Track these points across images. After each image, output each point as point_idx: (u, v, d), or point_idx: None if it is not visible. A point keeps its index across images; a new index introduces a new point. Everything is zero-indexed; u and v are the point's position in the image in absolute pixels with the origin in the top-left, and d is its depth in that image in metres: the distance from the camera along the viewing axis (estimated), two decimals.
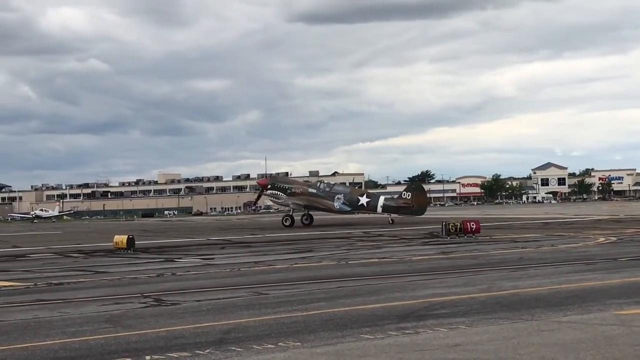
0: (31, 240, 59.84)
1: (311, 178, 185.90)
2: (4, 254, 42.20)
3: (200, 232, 65.99)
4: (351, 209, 75.77)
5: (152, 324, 15.26)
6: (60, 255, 38.88)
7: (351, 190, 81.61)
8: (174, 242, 48.87)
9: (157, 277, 25.86)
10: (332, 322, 14.81)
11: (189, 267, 29.43)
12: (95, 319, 16.13)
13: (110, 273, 27.63)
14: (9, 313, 17.42)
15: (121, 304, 18.43)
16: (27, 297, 20.52)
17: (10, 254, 42.06)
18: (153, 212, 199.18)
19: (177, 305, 17.93)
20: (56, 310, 17.55)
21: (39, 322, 15.92)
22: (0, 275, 27.83)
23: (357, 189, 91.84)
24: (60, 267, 31.25)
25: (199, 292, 20.69)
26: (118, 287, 22.73)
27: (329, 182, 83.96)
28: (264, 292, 19.99)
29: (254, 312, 16.34)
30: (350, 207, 75.13)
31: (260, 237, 52.46)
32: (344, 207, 74.86)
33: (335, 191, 76.14)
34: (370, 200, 74.92)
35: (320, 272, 25.56)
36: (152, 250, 40.72)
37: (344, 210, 75.53)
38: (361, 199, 75.03)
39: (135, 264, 31.90)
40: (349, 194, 76.20)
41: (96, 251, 41.29)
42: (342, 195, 75.31)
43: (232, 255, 35.66)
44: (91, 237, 59.92)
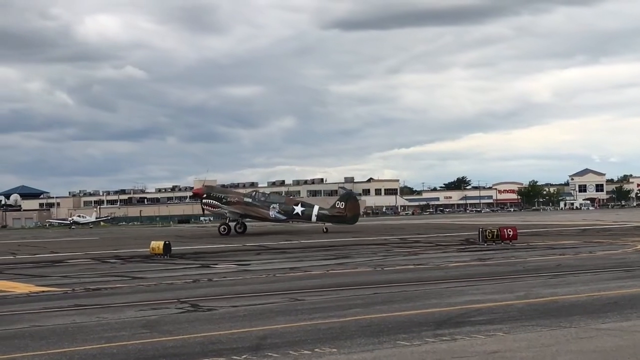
0: (69, 246, 60.30)
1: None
2: (43, 259, 42.58)
3: (235, 237, 66.11)
4: (286, 218, 77.95)
5: (189, 329, 15.30)
6: (98, 261, 39.13)
7: (286, 199, 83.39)
8: (210, 248, 49.00)
9: (194, 282, 25.95)
10: (369, 329, 14.77)
11: (224, 273, 29.50)
12: (133, 324, 16.21)
13: (147, 279, 27.77)
14: (48, 318, 17.56)
15: (158, 309, 18.51)
16: (66, 303, 20.67)
17: (48, 259, 42.41)
18: (189, 218, 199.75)
19: (214, 311, 17.98)
20: (94, 316, 17.67)
21: (77, 327, 16.03)
22: (39, 281, 28.08)
23: (292, 198, 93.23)
24: (98, 273, 31.45)
25: (235, 297, 20.73)
26: (155, 293, 22.83)
27: (264, 192, 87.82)
28: (300, 298, 19.99)
29: (290, 318, 16.34)
30: (285, 216, 77.33)
31: (296, 243, 52.47)
32: (279, 216, 77.11)
33: (270, 200, 78.71)
34: (305, 209, 76.88)
35: (357, 279, 25.51)
36: (188, 256, 40.86)
37: (279, 219, 77.87)
38: (296, 208, 77.18)
39: (172, 270, 32.03)
40: (284, 204, 78.38)
41: (133, 257, 41.52)
42: (277, 204, 77.49)
43: (267, 261, 35.70)
44: (128, 243, 60.27)
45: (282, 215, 77.04)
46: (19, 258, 44.61)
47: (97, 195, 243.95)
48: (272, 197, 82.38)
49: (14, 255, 47.24)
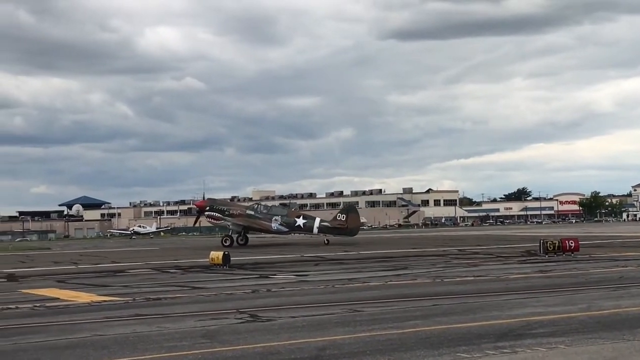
0: (130, 256, 60.98)
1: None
2: (104, 269, 43.12)
3: (294, 248, 66.25)
4: (288, 230, 78.95)
5: (248, 339, 15.34)
6: (158, 271, 39.51)
7: (288, 212, 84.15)
8: (269, 259, 49.17)
9: (253, 293, 26.04)
10: (428, 341, 14.67)
11: (283, 284, 29.56)
12: (192, 334, 16.31)
13: (206, 289, 27.94)
14: (109, 327, 17.75)
15: (217, 319, 18.60)
16: (126, 312, 20.88)
17: (110, 269, 42.93)
18: None
19: (273, 322, 18.01)
20: (154, 325, 17.81)
21: (137, 336, 16.18)
22: (101, 290, 28.42)
23: (294, 210, 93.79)
24: (158, 283, 31.74)
25: (294, 308, 20.75)
26: (214, 303, 22.96)
27: (266, 204, 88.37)
28: (358, 309, 19.93)
29: (348, 329, 16.30)
30: (287, 228, 78.32)
31: (354, 254, 52.39)
32: (281, 228, 78.03)
33: (272, 213, 79.42)
34: (306, 221, 78.02)
35: (415, 290, 25.38)
36: (247, 267, 41.03)
37: (281, 231, 78.75)
38: (298, 220, 78.24)
39: (231, 280, 32.19)
40: (286, 216, 79.25)
41: (193, 267, 41.81)
42: (280, 216, 78.35)
43: (326, 272, 35.68)
44: (188, 253, 60.75)
45: (284, 227, 78.26)
46: (81, 268, 45.22)
47: (157, 206, 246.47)
48: (275, 209, 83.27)
49: (76, 265, 47.91)
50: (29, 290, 29.34)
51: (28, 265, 50.28)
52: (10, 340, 15.97)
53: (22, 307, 23.09)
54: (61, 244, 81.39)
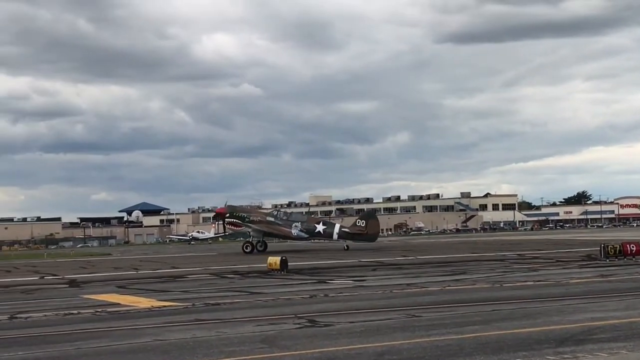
0: (189, 261, 61.51)
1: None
2: (164, 274, 43.54)
3: (351, 253, 66.20)
4: (308, 236, 79.56)
5: (307, 344, 15.38)
6: (217, 276, 39.79)
7: (308, 218, 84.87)
8: (326, 264, 49.21)
9: (310, 298, 26.10)
10: (488, 346, 14.57)
11: (341, 289, 29.57)
12: (251, 339, 16.40)
13: (264, 294, 28.07)
14: (170, 332, 17.93)
15: (276, 324, 18.68)
16: (186, 317, 21.07)
17: (169, 274, 43.34)
18: None
19: (331, 327, 18.03)
20: (214, 330, 17.95)
21: (197, 341, 16.32)
22: (161, 296, 28.72)
23: (314, 217, 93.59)
24: (217, 288, 31.97)
25: (352, 313, 20.75)
26: (273, 308, 23.05)
27: (286, 210, 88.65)
28: (417, 315, 19.87)
29: (407, 335, 16.26)
30: (307, 234, 79.05)
31: (412, 259, 52.21)
32: (302, 234, 78.89)
33: (292, 219, 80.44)
34: (326, 227, 78.95)
35: (474, 295, 25.21)
36: (304, 272, 41.13)
37: (301, 237, 79.59)
38: (318, 226, 79.14)
39: (289, 285, 32.30)
40: (306, 222, 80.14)
41: (251, 272, 42.05)
42: (300, 222, 79.40)
43: (383, 277, 35.61)
44: (246, 259, 61.07)
45: (304, 234, 79.04)
46: (142, 273, 45.73)
47: (215, 212, 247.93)
48: (294, 215, 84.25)
49: (137, 271, 48.46)
50: (91, 296, 29.77)
51: (89, 271, 50.99)
52: (74, 345, 16.22)
53: (84, 313, 23.43)
54: (121, 249, 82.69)
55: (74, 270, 52.60)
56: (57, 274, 47.34)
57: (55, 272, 49.71)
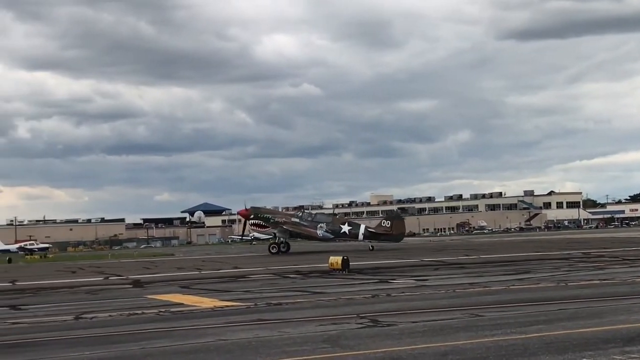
0: (250, 261, 61.82)
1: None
2: (226, 275, 43.79)
3: (413, 253, 65.94)
4: (334, 237, 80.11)
5: (369, 344, 15.30)
6: (279, 276, 39.90)
7: (333, 219, 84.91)
8: (388, 263, 49.04)
9: (372, 297, 26.01)
10: (553, 345, 14.35)
11: (403, 288, 29.42)
12: (314, 338, 16.37)
13: (326, 294, 28.04)
14: (232, 332, 17.99)
15: (338, 324, 18.63)
16: (248, 317, 21.13)
17: (231, 274, 43.58)
18: None
19: (393, 327, 17.93)
20: (276, 330, 17.96)
21: (259, 341, 16.35)
22: (223, 296, 28.87)
23: (339, 217, 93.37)
24: (279, 288, 32.04)
25: (414, 313, 20.61)
26: (334, 308, 23.01)
27: (310, 211, 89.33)
28: (480, 314, 19.67)
29: (470, 334, 16.10)
30: (332, 235, 79.72)
31: (475, 258, 51.80)
32: (327, 235, 79.62)
33: (317, 220, 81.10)
34: (351, 228, 79.62)
35: (539, 294, 24.87)
36: (366, 271, 41.03)
37: (327, 237, 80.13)
38: (343, 227, 79.81)
39: (351, 285, 32.24)
40: (331, 223, 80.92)
41: (312, 272, 42.07)
42: (325, 223, 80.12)
43: (446, 277, 35.36)
44: (307, 258, 61.15)
45: (329, 234, 79.69)
46: (204, 273, 46.07)
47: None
48: (319, 216, 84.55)
49: (199, 271, 48.84)
50: (154, 296, 30.05)
51: (153, 271, 51.54)
52: (138, 345, 16.37)
53: (148, 313, 23.66)
54: (184, 250, 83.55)
55: (137, 270, 53.22)
56: (121, 275, 47.94)
57: (119, 273, 50.34)
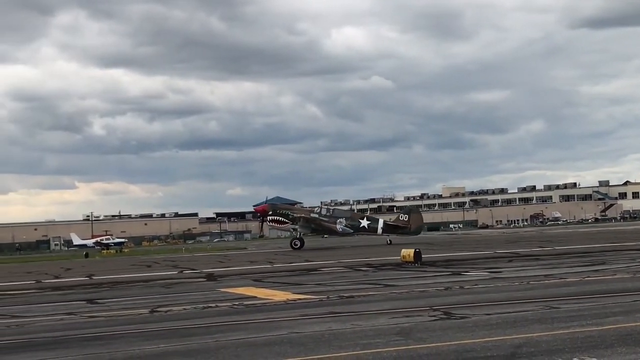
0: (322, 254, 61.96)
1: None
2: (298, 267, 43.98)
3: (486, 245, 65.39)
4: (353, 231, 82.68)
5: (442, 337, 15.22)
6: (350, 269, 39.91)
7: (352, 214, 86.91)
8: (461, 256, 48.72)
9: (445, 290, 25.86)
10: (630, 337, 14.10)
11: (476, 281, 29.18)
12: (386, 331, 16.34)
13: (398, 286, 27.96)
14: (305, 325, 18.05)
15: (411, 316, 18.56)
16: (321, 310, 21.18)
17: (303, 267, 43.74)
18: (438, 225, 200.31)
19: (467, 319, 17.80)
20: (348, 323, 17.97)
21: (332, 334, 16.37)
22: (295, 289, 28.99)
23: (357, 212, 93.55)
24: (351, 281, 32.04)
25: (488, 305, 20.44)
26: (407, 300, 22.94)
27: (328, 207, 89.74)
28: (555, 306, 19.41)
29: (545, 327, 15.89)
30: (352, 230, 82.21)
31: (550, 250, 51.14)
32: (347, 230, 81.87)
33: (336, 215, 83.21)
34: (370, 222, 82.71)
35: (615, 286, 24.43)
36: (439, 264, 40.82)
37: (346, 232, 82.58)
38: (362, 221, 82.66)
39: (423, 277, 32.10)
40: (350, 218, 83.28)
41: (384, 265, 41.99)
42: (344, 218, 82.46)
43: (520, 268, 34.96)
44: (379, 251, 61.08)
45: (349, 229, 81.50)
46: (276, 266, 46.33)
47: (347, 205, 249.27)
48: (337, 212, 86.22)
49: (272, 264, 49.14)
50: (228, 289, 30.33)
51: (226, 265, 52.01)
52: (212, 338, 16.53)
53: (221, 306, 23.88)
54: (256, 243, 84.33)
55: (211, 264, 53.79)
56: (195, 268, 48.49)
57: (193, 267, 50.94)
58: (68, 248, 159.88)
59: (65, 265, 67.03)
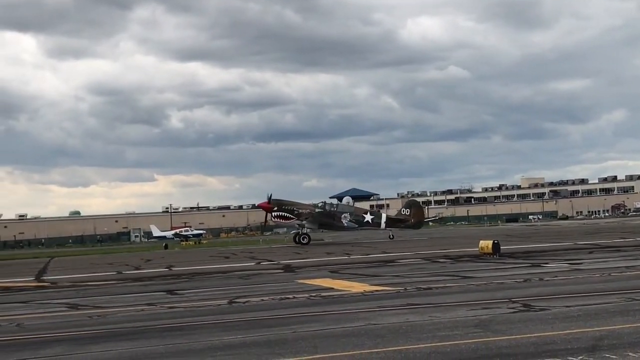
0: (399, 246, 61.80)
1: None
2: (375, 259, 43.95)
3: (566, 236, 64.47)
4: (358, 226, 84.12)
5: (522, 329, 15.06)
6: (428, 261, 39.74)
7: (355, 209, 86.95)
8: (540, 247, 48.11)
9: (524, 282, 25.58)
10: None
11: (556, 272, 28.80)
12: (465, 323, 16.23)
13: (476, 278, 27.76)
14: (382, 317, 18.03)
15: (489, 309, 18.40)
16: (398, 301, 21.13)
17: (380, 259, 43.70)
18: (517, 216, 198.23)
19: (546, 311, 17.58)
20: (426, 315, 17.90)
21: (410, 325, 16.32)
22: (372, 280, 28.98)
23: (360, 207, 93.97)
24: (428, 272, 31.91)
25: (568, 297, 20.16)
26: (485, 292, 22.76)
27: (332, 202, 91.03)
28: (637, 298, 19.05)
29: (627, 319, 15.61)
30: (357, 225, 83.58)
31: (632, 241, 50.15)
32: (352, 225, 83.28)
33: (340, 210, 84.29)
34: (374, 217, 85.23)
35: None
36: (517, 255, 40.39)
37: (351, 227, 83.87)
38: (366, 216, 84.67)
39: (502, 269, 31.80)
40: (354, 213, 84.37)
41: (462, 256, 41.72)
42: (348, 213, 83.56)
43: (601, 260, 34.40)
44: (456, 243, 60.71)
45: (354, 224, 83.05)
46: (353, 258, 46.38)
47: (424, 196, 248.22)
48: (341, 207, 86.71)
49: (348, 256, 49.21)
50: (305, 281, 30.46)
51: (303, 256, 52.23)
52: (290, 329, 16.62)
53: (299, 297, 23.99)
54: (333, 235, 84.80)
55: (288, 255, 54.09)
56: (272, 260, 48.83)
57: (271, 258, 51.29)
58: (148, 240, 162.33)
59: (146, 257, 68.07)
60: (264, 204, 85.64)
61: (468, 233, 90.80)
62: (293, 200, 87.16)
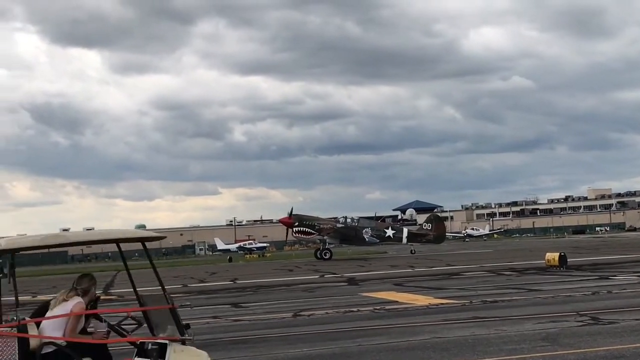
0: (464, 258, 61.36)
1: None
2: (440, 272, 43.66)
3: (634, 248, 63.34)
4: (380, 241, 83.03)
5: (590, 342, 14.84)
6: (493, 273, 39.38)
7: (376, 224, 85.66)
8: (608, 259, 47.37)
9: (592, 295, 25.20)
10: None
11: (624, 285, 28.33)
12: (532, 337, 16.04)
13: (543, 291, 27.43)
14: (448, 330, 17.92)
15: (557, 322, 18.17)
16: (464, 315, 20.98)
17: (445, 272, 43.41)
18: (583, 228, 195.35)
19: (615, 324, 17.29)
20: (492, 328, 17.73)
21: (476, 339, 16.18)
22: (437, 293, 28.82)
23: (381, 222, 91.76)
24: (494, 285, 31.61)
25: (637, 310, 19.81)
26: (552, 305, 22.47)
27: (353, 217, 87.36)
28: None
29: None
30: (378, 239, 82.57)
31: None
32: (373, 240, 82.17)
33: (362, 225, 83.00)
34: (395, 232, 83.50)
35: None
36: (585, 268, 39.82)
37: (373, 242, 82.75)
38: (387, 231, 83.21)
39: (569, 282, 31.37)
40: (376, 228, 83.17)
41: (528, 269, 41.26)
42: (370, 228, 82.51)
43: None
44: (522, 255, 60.06)
45: (375, 239, 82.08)
46: (417, 271, 46.15)
47: (489, 208, 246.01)
48: (362, 221, 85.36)
49: (413, 268, 49.00)
50: (369, 294, 30.38)
51: (366, 269, 52.16)
52: (355, 342, 16.59)
53: (363, 310, 23.95)
54: (397, 247, 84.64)
55: (351, 268, 54.05)
56: (336, 273, 48.83)
57: (335, 271, 51.29)
58: (212, 252, 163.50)
59: (210, 270, 68.60)
60: (285, 219, 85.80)
61: (534, 245, 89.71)
62: (313, 216, 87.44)
